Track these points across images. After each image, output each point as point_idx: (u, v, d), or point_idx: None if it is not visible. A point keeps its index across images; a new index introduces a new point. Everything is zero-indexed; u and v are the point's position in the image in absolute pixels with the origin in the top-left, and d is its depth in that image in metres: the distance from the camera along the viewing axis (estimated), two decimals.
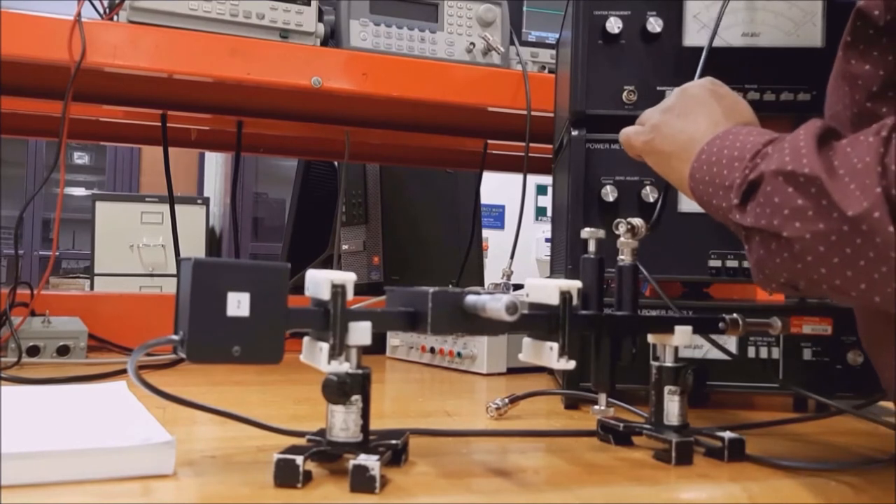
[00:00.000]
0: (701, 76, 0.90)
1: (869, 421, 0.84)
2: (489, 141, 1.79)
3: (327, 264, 1.78)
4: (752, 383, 0.97)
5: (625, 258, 0.79)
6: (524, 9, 1.63)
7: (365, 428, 0.63)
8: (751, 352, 0.96)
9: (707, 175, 0.71)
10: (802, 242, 0.59)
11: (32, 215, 4.32)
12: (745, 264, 0.97)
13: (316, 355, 0.63)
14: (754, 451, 0.73)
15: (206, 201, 4.03)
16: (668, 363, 0.76)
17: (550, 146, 1.36)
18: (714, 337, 0.84)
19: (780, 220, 0.61)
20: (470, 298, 0.64)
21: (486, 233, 2.31)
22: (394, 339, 1.43)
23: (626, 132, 0.86)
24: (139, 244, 3.82)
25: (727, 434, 0.73)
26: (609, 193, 0.99)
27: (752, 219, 0.64)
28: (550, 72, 1.54)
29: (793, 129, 0.65)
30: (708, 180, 0.70)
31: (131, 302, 1.60)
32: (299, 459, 0.60)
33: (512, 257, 1.41)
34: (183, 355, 0.58)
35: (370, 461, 0.59)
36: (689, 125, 0.78)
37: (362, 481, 0.58)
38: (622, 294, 0.78)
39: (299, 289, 0.65)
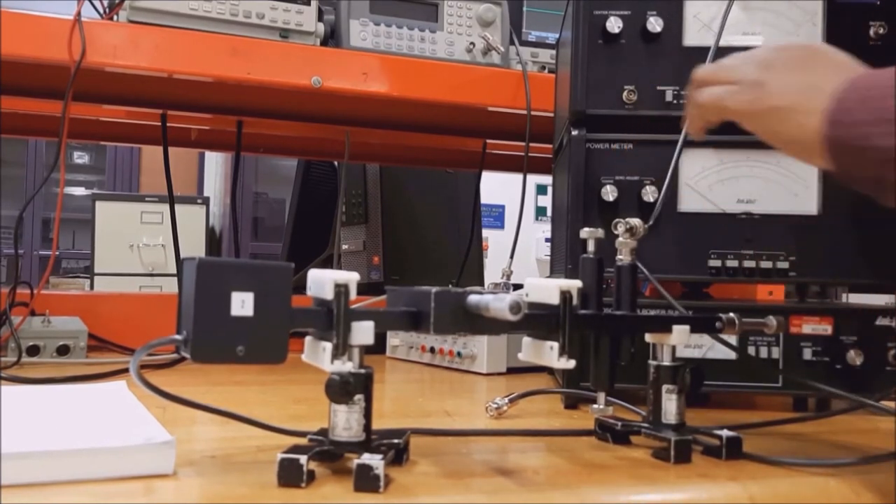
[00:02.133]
0: None
1: (882, 414, 0.83)
2: (489, 141, 1.79)
3: (327, 264, 1.78)
4: (752, 383, 0.97)
5: (623, 258, 0.79)
6: (524, 9, 1.63)
7: (367, 427, 0.63)
8: (751, 351, 0.96)
9: (864, 114, 0.62)
10: None
11: (32, 215, 4.32)
12: (745, 264, 0.98)
13: (319, 355, 0.63)
14: (754, 451, 0.73)
15: (206, 201, 4.03)
16: (666, 362, 0.76)
17: (550, 146, 1.36)
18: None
19: None
20: (473, 298, 0.64)
21: (486, 233, 2.31)
22: (393, 339, 1.43)
23: (717, 94, 0.75)
24: (139, 244, 3.82)
25: (725, 432, 0.73)
26: (609, 193, 0.99)
27: None
28: (550, 72, 1.54)
29: None
30: (873, 120, 0.62)
31: (131, 302, 1.60)
32: (303, 459, 0.60)
33: (512, 257, 1.41)
34: (186, 355, 0.58)
35: (374, 460, 0.59)
36: (809, 76, 0.69)
37: (367, 480, 0.58)
38: (621, 294, 0.78)
39: (299, 289, 0.65)
